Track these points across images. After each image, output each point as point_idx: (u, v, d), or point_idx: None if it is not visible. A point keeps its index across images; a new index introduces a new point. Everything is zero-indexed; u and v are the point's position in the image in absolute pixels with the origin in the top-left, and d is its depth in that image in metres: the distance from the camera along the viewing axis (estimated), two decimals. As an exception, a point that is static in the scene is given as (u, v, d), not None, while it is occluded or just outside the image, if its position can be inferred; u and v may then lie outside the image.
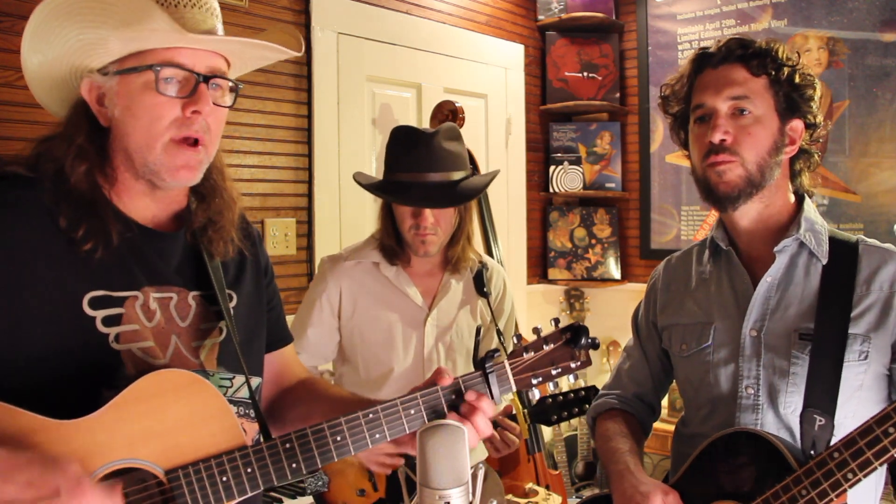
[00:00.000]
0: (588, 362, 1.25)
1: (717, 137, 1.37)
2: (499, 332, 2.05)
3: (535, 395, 1.24)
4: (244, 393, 1.19)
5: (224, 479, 1.03)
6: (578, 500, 3.50)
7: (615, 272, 3.86)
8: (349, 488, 1.91)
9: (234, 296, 1.23)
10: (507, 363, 1.20)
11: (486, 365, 1.18)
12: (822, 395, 1.31)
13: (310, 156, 2.83)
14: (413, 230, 1.88)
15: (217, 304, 1.17)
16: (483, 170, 3.11)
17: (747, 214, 1.42)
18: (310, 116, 2.82)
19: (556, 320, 1.24)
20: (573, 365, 1.23)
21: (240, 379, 1.19)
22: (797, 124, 1.41)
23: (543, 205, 3.93)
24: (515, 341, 1.24)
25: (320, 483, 1.92)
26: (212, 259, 1.19)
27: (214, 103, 1.09)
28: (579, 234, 3.90)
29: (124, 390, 0.99)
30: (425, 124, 3.06)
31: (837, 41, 3.22)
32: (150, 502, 1.00)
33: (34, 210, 1.05)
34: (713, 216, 3.60)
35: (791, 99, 1.40)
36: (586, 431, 3.73)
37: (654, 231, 3.81)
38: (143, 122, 1.06)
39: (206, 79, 1.07)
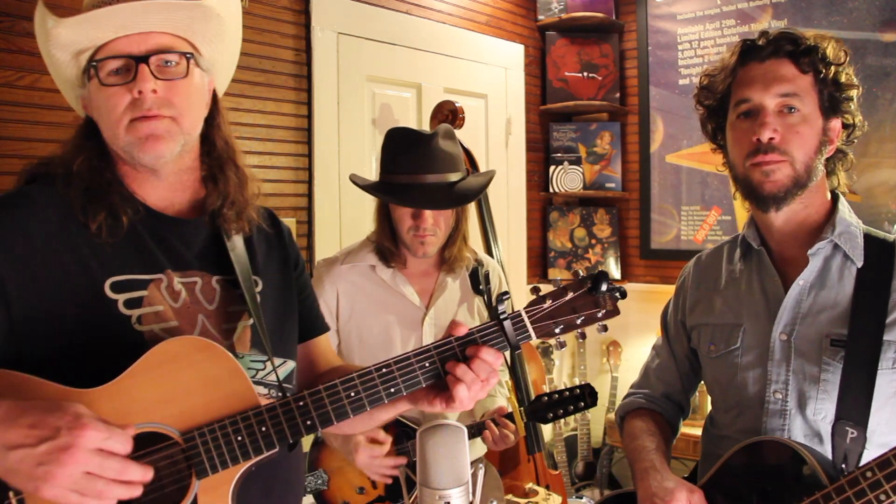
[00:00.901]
0: (615, 311, 1.18)
1: (766, 136, 1.32)
2: None
3: (562, 344, 1.18)
4: (276, 376, 1.22)
5: (239, 438, 1.05)
6: (578, 499, 3.50)
7: (615, 272, 3.86)
8: (349, 486, 1.91)
9: (260, 282, 1.26)
10: (523, 311, 1.15)
11: (500, 311, 1.13)
12: (854, 406, 1.27)
13: (310, 156, 2.83)
14: (412, 231, 1.89)
15: (241, 288, 1.21)
16: (482, 170, 3.11)
17: (786, 215, 1.38)
18: (310, 116, 2.82)
19: (577, 272, 1.19)
20: (599, 314, 1.16)
21: (274, 361, 1.21)
22: (836, 124, 1.38)
23: (543, 205, 3.93)
24: (535, 293, 1.19)
25: (320, 481, 1.93)
26: (229, 237, 1.23)
27: (167, 79, 1.11)
28: (579, 234, 3.90)
29: (141, 357, 1.03)
30: (425, 124, 3.06)
31: (838, 41, 3.22)
32: (168, 462, 1.04)
33: (57, 205, 1.11)
34: (713, 216, 3.61)
35: (834, 98, 1.36)
36: (586, 432, 3.73)
37: (654, 231, 3.81)
38: (104, 114, 1.12)
39: (145, 59, 1.09)
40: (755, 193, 1.37)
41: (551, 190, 3.87)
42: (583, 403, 1.86)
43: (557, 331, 1.16)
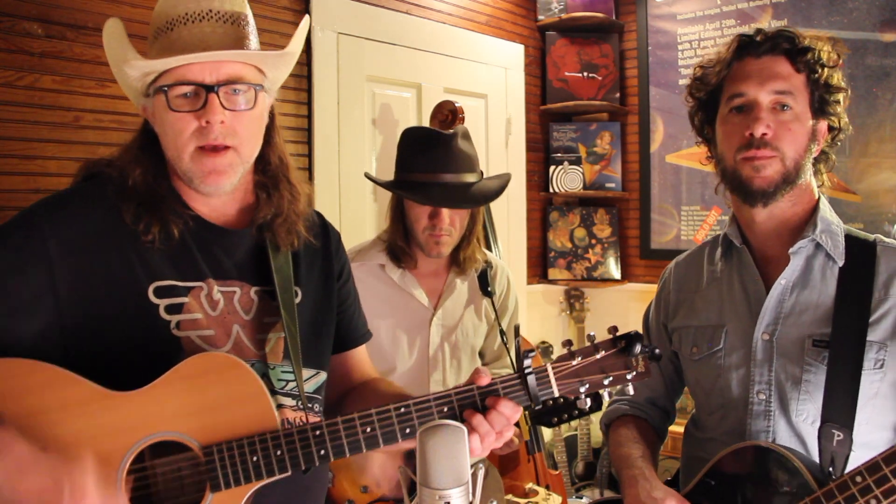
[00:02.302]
0: (646, 373, 1.16)
1: (759, 131, 1.32)
2: (502, 332, 2.06)
3: (587, 403, 1.16)
4: (308, 387, 1.24)
5: (254, 458, 1.07)
6: (578, 499, 3.50)
7: (615, 272, 3.86)
8: (353, 485, 1.91)
9: (300, 292, 1.27)
10: (549, 367, 1.15)
11: (525, 366, 1.13)
12: (840, 408, 1.27)
13: (310, 156, 2.82)
14: (428, 231, 1.89)
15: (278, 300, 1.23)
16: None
17: (770, 211, 1.38)
18: (310, 116, 2.82)
19: (614, 328, 1.17)
20: (629, 375, 1.15)
21: (306, 373, 1.23)
22: (823, 126, 1.38)
23: (543, 205, 3.93)
24: (567, 346, 1.17)
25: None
26: (277, 252, 1.25)
27: (234, 109, 1.13)
28: (579, 234, 3.90)
29: (172, 368, 1.07)
30: (425, 124, 3.06)
31: (837, 41, 3.21)
32: (187, 472, 1.08)
33: (109, 209, 1.15)
34: (713, 216, 3.61)
35: (823, 100, 1.36)
36: (586, 432, 3.73)
37: (654, 231, 3.81)
38: (169, 136, 1.14)
39: (216, 88, 1.11)
40: (744, 188, 1.37)
41: (551, 190, 3.87)
42: (588, 409, 1.87)
43: (582, 390, 1.15)
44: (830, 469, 1.24)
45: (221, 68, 1.12)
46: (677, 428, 1.67)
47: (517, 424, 1.90)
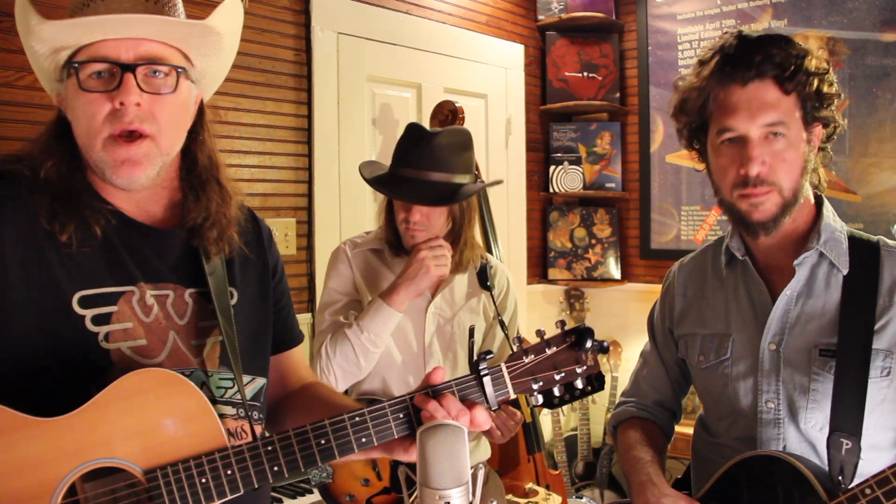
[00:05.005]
0: (595, 367, 1.16)
1: (754, 171, 1.29)
2: (502, 324, 2.06)
3: (539, 400, 1.15)
4: (247, 393, 1.17)
5: (203, 480, 1.00)
6: (578, 499, 3.50)
7: (615, 272, 3.86)
8: (353, 478, 1.91)
9: (235, 293, 1.20)
10: (504, 367, 1.13)
11: (480, 368, 1.12)
12: (847, 417, 1.27)
13: (310, 156, 2.83)
14: (404, 223, 1.93)
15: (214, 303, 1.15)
16: (482, 171, 3.10)
17: (774, 234, 1.36)
18: (310, 116, 2.82)
19: (562, 322, 1.17)
20: (579, 370, 1.15)
21: (244, 379, 1.17)
22: (818, 129, 1.36)
23: (543, 205, 3.93)
24: (517, 343, 1.18)
25: (324, 475, 1.93)
26: (209, 257, 1.17)
27: (153, 92, 1.04)
28: (579, 234, 3.90)
29: (106, 388, 0.98)
30: (425, 124, 3.06)
31: (837, 41, 3.22)
32: (127, 502, 0.99)
33: (25, 210, 1.04)
34: (713, 216, 3.61)
35: (815, 107, 1.33)
36: (586, 432, 3.73)
37: (654, 231, 3.81)
38: (82, 121, 1.05)
39: (132, 67, 1.02)
40: (744, 222, 1.35)
41: (551, 190, 3.87)
42: (590, 388, 1.86)
43: (535, 387, 1.14)
44: (840, 478, 1.24)
45: (140, 46, 1.02)
46: (680, 429, 1.67)
47: (518, 406, 1.90)
